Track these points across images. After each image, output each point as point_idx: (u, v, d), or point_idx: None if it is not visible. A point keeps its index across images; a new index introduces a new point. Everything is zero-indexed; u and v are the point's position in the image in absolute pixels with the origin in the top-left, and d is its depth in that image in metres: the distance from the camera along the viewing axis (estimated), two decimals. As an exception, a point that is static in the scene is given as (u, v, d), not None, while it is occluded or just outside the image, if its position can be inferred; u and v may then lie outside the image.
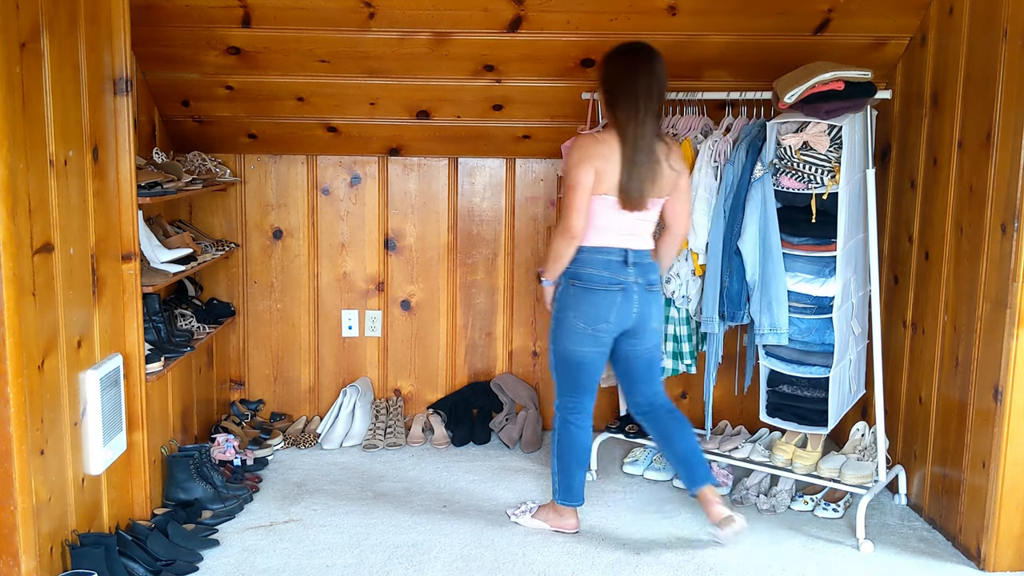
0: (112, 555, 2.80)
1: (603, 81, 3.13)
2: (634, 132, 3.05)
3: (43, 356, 2.59)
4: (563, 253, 3.14)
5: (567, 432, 3.29)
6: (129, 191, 3.12)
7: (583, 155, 3.07)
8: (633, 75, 3.05)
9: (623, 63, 3.09)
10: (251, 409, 4.41)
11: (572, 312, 3.16)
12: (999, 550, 3.09)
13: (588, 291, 3.14)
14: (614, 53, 3.13)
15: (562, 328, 3.19)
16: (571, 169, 3.08)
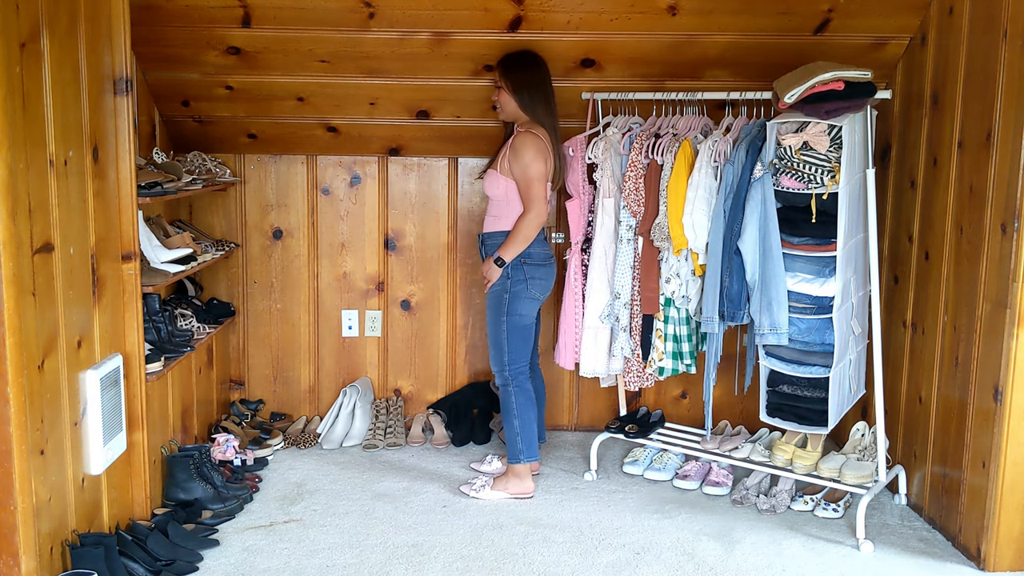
0: (112, 555, 2.80)
1: (527, 83, 3.60)
2: (554, 127, 3.65)
3: (43, 356, 2.59)
4: (531, 237, 3.61)
5: (523, 391, 3.70)
6: (129, 191, 3.12)
7: (538, 150, 3.57)
8: (548, 78, 3.65)
9: (541, 68, 3.64)
10: (251, 409, 4.41)
11: (526, 285, 3.65)
12: (999, 550, 3.09)
13: (538, 266, 3.68)
14: (532, 59, 3.63)
15: (518, 300, 3.65)
16: (532, 163, 3.56)
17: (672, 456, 3.95)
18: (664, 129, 3.66)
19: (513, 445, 3.70)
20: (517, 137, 3.59)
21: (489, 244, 3.71)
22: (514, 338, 3.66)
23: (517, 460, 3.69)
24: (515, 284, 3.64)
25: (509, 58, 3.64)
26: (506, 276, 3.63)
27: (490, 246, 3.70)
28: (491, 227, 3.71)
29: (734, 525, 3.46)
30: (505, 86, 3.61)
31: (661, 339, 3.67)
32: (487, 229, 3.73)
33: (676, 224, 3.49)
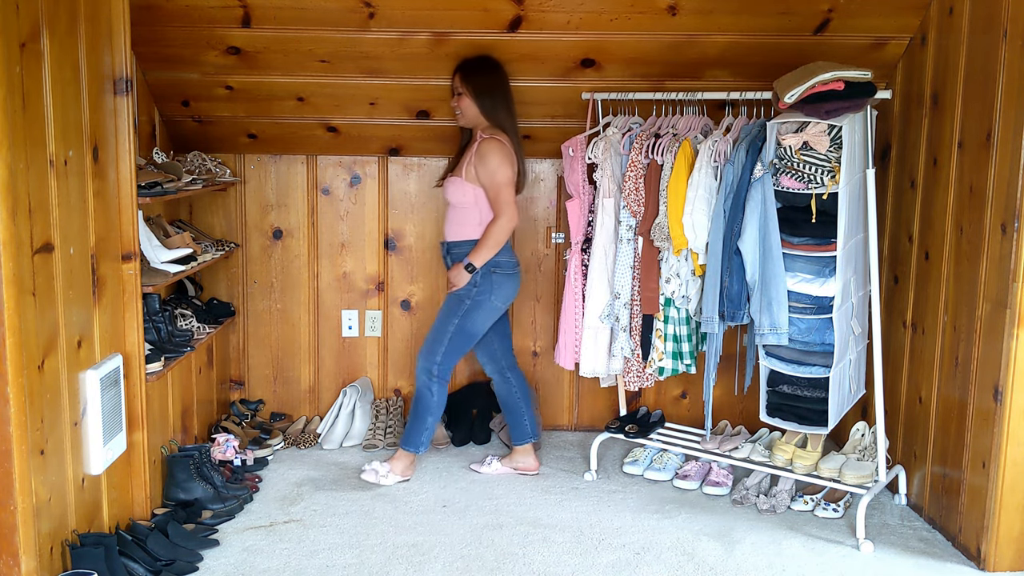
0: (112, 555, 2.80)
1: (488, 88, 3.66)
2: (515, 131, 3.72)
3: (43, 356, 2.59)
4: (502, 242, 3.66)
5: (443, 391, 3.80)
6: (129, 191, 3.12)
7: (506, 155, 3.62)
8: (508, 83, 3.72)
9: (501, 73, 3.70)
10: (251, 409, 4.41)
11: (494, 295, 3.71)
12: (999, 550, 3.09)
13: (507, 276, 3.74)
14: (491, 64, 3.68)
15: (478, 309, 3.70)
16: (499, 168, 3.59)
17: (672, 456, 3.95)
18: (664, 129, 3.66)
19: (417, 435, 3.80)
20: (482, 143, 3.62)
21: (456, 253, 3.73)
22: (457, 342, 3.74)
23: (417, 449, 3.82)
24: (480, 293, 3.69)
25: (468, 63, 3.68)
26: (473, 284, 3.68)
27: (457, 255, 3.72)
28: (457, 235, 3.72)
29: (734, 525, 3.46)
30: (466, 92, 3.65)
31: (661, 339, 3.67)
32: (453, 238, 3.74)
33: (676, 224, 3.49)
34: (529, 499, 3.69)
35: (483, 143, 3.62)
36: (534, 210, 4.41)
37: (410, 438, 3.81)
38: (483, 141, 3.62)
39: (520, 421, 3.93)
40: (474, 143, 3.67)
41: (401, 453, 3.83)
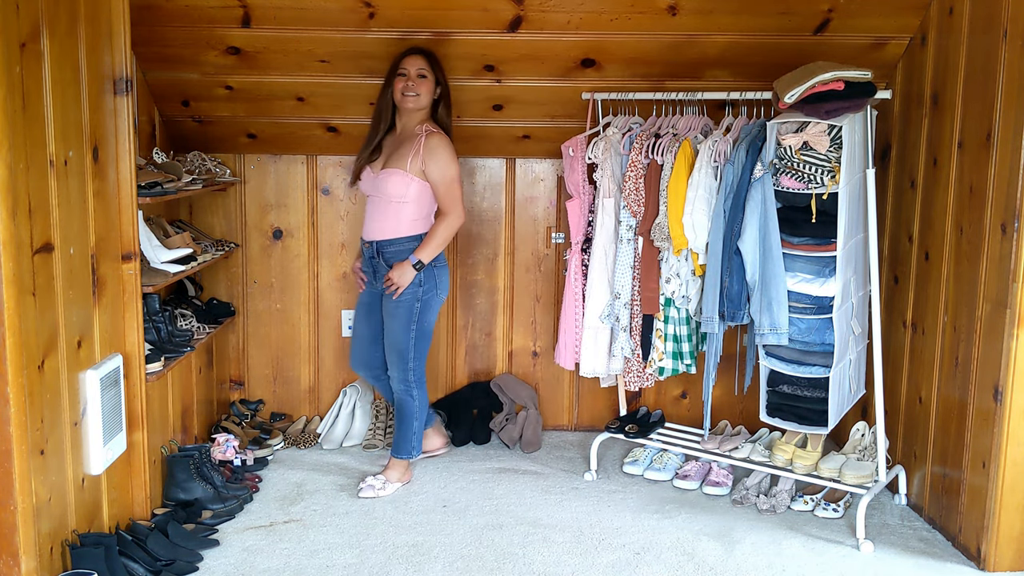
0: (112, 555, 2.80)
1: (446, 82, 3.65)
2: (451, 133, 3.69)
3: (43, 356, 2.59)
4: (450, 239, 3.66)
5: (423, 394, 3.77)
6: (129, 191, 3.12)
7: (453, 152, 3.61)
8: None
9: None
10: (251, 409, 4.41)
11: (439, 289, 3.69)
12: (999, 550, 3.09)
13: (443, 269, 3.72)
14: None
15: (430, 307, 3.67)
16: (450, 164, 3.57)
17: (672, 456, 3.95)
18: (664, 129, 3.66)
19: (407, 442, 3.77)
20: (432, 137, 3.55)
21: (391, 251, 3.61)
22: (421, 345, 3.70)
23: (409, 455, 3.79)
24: (427, 292, 3.63)
25: (429, 51, 3.62)
26: (418, 283, 3.59)
27: (393, 253, 3.60)
28: (394, 232, 3.59)
29: (734, 525, 3.46)
30: (431, 77, 3.58)
31: (661, 339, 3.67)
32: (388, 235, 3.60)
33: (676, 224, 3.49)
34: (529, 499, 3.69)
35: (432, 137, 3.55)
36: (534, 210, 4.41)
37: (401, 446, 3.77)
38: (432, 135, 3.55)
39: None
40: (416, 137, 3.56)
41: (394, 462, 3.79)
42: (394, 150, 3.61)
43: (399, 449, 3.78)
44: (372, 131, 3.69)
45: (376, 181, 3.59)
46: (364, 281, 3.79)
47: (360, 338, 3.87)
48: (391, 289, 3.59)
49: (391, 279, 3.58)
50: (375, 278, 3.70)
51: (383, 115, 3.65)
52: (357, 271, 3.83)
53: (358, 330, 3.87)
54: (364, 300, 3.82)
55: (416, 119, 3.61)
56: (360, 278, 3.81)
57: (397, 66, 3.58)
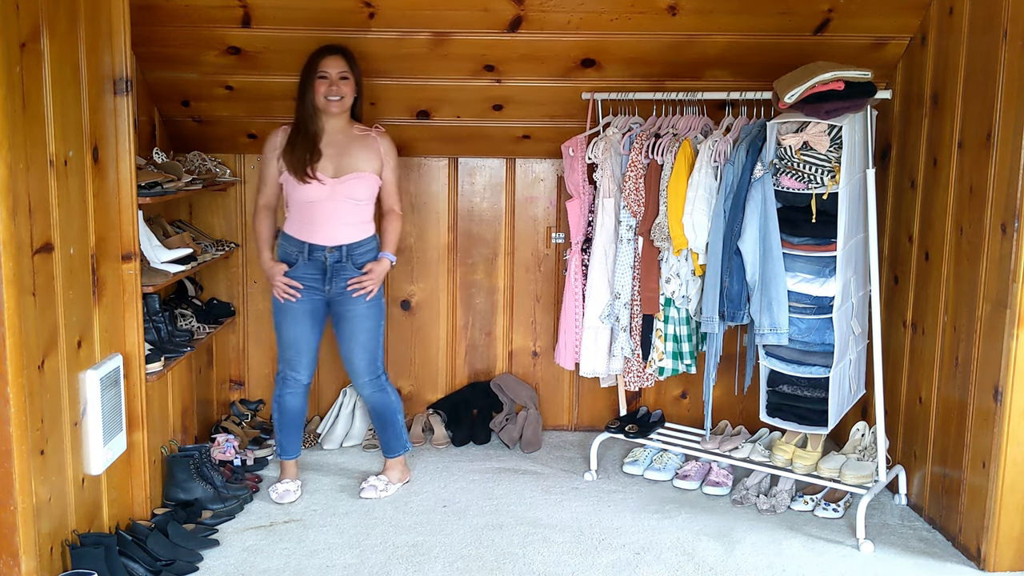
0: (112, 555, 2.80)
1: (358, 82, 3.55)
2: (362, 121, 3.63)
3: (43, 356, 2.59)
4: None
5: (393, 387, 3.77)
6: (129, 191, 3.12)
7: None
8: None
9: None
10: (251, 409, 4.41)
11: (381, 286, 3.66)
12: (999, 550, 3.09)
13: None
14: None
15: (383, 302, 3.67)
16: (397, 159, 3.60)
17: (672, 456, 3.95)
18: (664, 129, 3.66)
19: (398, 439, 3.77)
20: (385, 138, 3.57)
21: (361, 253, 3.54)
22: (383, 342, 3.70)
23: (405, 449, 3.79)
24: (381, 289, 3.65)
25: (346, 49, 3.51)
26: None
27: (360, 255, 3.53)
28: (362, 234, 3.53)
29: (734, 525, 3.46)
30: (353, 77, 3.50)
31: (661, 339, 3.67)
32: (358, 237, 3.52)
33: (676, 224, 3.49)
34: (529, 499, 3.69)
35: (385, 137, 3.57)
36: (534, 210, 4.41)
37: (392, 444, 3.77)
38: (383, 135, 3.57)
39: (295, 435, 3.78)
40: (364, 138, 3.52)
41: (391, 462, 3.79)
42: (342, 153, 3.49)
43: (392, 448, 3.78)
44: (306, 135, 3.47)
45: (338, 186, 3.45)
46: (298, 290, 3.52)
47: (309, 347, 3.63)
48: (366, 290, 3.53)
49: (370, 280, 3.52)
50: (328, 283, 3.52)
51: (312, 119, 3.48)
52: (286, 282, 3.52)
53: (306, 338, 3.60)
54: (305, 309, 3.55)
55: (344, 119, 3.53)
56: (293, 287, 3.52)
57: (314, 67, 3.45)
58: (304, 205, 3.48)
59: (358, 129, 3.56)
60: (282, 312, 3.59)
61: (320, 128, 3.50)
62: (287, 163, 3.48)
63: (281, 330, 3.62)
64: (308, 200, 3.46)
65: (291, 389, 3.68)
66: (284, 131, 3.55)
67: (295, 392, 3.69)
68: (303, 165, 3.44)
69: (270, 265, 3.57)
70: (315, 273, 3.52)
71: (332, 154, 3.48)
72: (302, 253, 3.51)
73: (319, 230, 3.48)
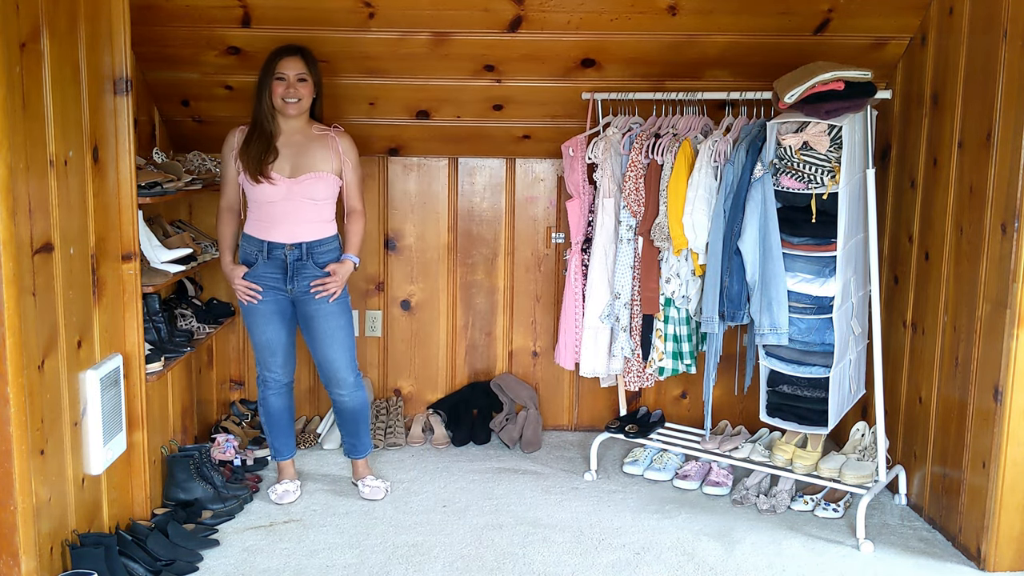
0: (112, 555, 2.80)
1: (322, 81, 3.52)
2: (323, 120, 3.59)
3: (43, 356, 2.59)
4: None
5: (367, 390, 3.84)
6: (129, 191, 3.12)
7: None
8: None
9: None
10: (251, 409, 4.41)
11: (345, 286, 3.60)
12: (999, 550, 3.09)
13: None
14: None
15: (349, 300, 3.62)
16: (359, 162, 3.57)
17: (672, 456, 3.95)
18: (664, 129, 3.66)
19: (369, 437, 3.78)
20: (344, 136, 3.51)
21: (322, 252, 3.48)
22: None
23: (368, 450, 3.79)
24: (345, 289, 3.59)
25: (304, 49, 3.45)
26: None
27: (322, 253, 3.48)
28: (323, 232, 3.48)
29: (734, 525, 3.46)
30: (311, 79, 3.43)
31: (661, 339, 3.67)
32: (318, 236, 3.47)
33: (676, 224, 3.49)
34: (529, 499, 3.69)
35: (344, 137, 3.51)
36: (534, 210, 4.41)
37: (367, 442, 3.76)
38: (343, 135, 3.51)
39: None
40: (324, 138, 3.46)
41: (365, 461, 3.78)
42: (300, 152, 3.44)
43: (367, 445, 3.76)
44: (262, 135, 3.42)
45: (296, 186, 3.40)
46: (261, 291, 3.48)
47: (282, 345, 3.58)
48: (330, 291, 3.47)
49: (333, 281, 3.47)
50: (291, 282, 3.46)
51: (269, 119, 3.42)
52: (246, 284, 3.48)
53: (277, 337, 3.55)
54: (271, 309, 3.50)
55: (302, 120, 3.47)
56: (253, 289, 3.47)
57: (272, 67, 3.39)
58: (262, 205, 3.44)
59: (317, 129, 3.50)
60: (250, 314, 3.54)
61: (277, 128, 3.45)
62: (242, 163, 3.43)
63: (253, 333, 3.57)
64: (266, 200, 3.42)
65: (273, 390, 3.64)
66: (241, 131, 3.49)
67: (277, 392, 3.65)
68: (258, 165, 3.38)
69: (230, 268, 3.53)
70: (276, 272, 3.47)
71: (289, 154, 3.43)
72: (261, 252, 3.46)
73: (277, 228, 3.44)
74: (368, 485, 3.69)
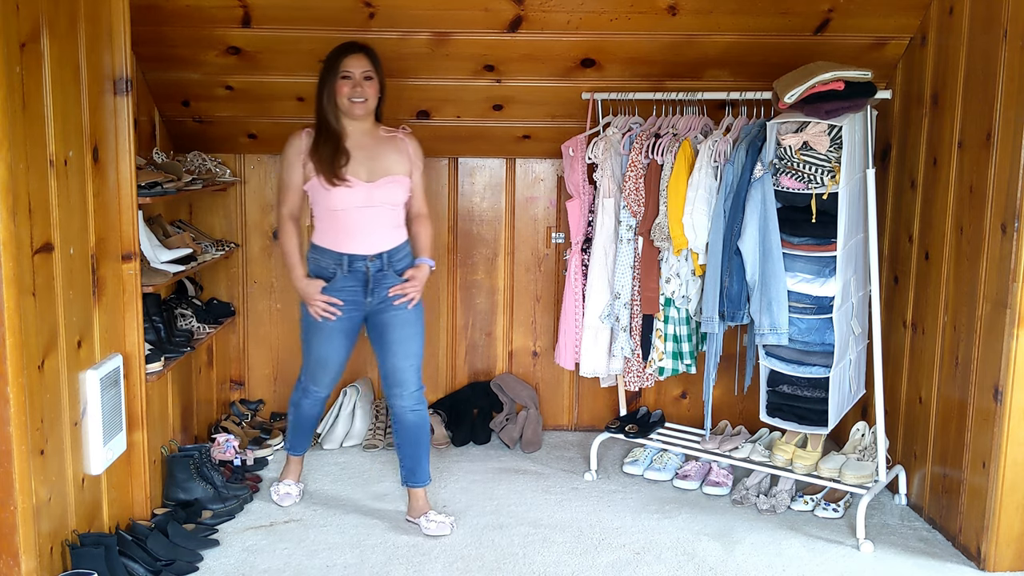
0: (112, 555, 2.80)
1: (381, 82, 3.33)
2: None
3: (43, 356, 2.59)
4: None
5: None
6: (129, 191, 3.12)
7: None
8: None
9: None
10: (251, 409, 4.41)
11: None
12: (999, 550, 3.09)
13: None
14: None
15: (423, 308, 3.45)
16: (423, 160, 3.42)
17: (672, 456, 3.95)
18: (664, 129, 3.66)
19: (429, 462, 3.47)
20: (413, 139, 3.38)
21: (400, 259, 3.32)
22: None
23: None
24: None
25: (368, 47, 3.29)
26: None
27: (400, 260, 3.32)
28: (399, 239, 3.32)
29: (734, 525, 3.46)
30: (377, 78, 3.26)
31: (661, 339, 3.67)
32: (395, 243, 3.30)
33: (676, 224, 3.49)
34: (529, 499, 3.69)
35: (413, 138, 3.38)
36: (534, 210, 4.41)
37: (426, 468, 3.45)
38: (411, 135, 3.39)
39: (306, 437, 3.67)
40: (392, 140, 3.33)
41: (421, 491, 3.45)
42: (373, 156, 3.27)
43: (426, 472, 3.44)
44: (330, 137, 3.24)
45: (376, 190, 3.23)
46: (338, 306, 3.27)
47: (337, 365, 3.42)
48: (409, 298, 3.30)
49: (413, 287, 3.29)
50: (370, 294, 3.28)
51: (335, 121, 3.26)
52: (325, 300, 3.25)
53: (335, 357, 3.38)
54: (342, 327, 3.32)
55: (369, 121, 3.31)
56: (332, 304, 3.26)
57: (336, 66, 3.23)
58: (337, 213, 3.21)
59: (384, 131, 3.35)
60: (314, 329, 3.32)
61: (343, 130, 3.27)
62: (315, 167, 3.22)
63: (311, 347, 3.38)
64: (340, 207, 3.20)
65: (311, 400, 3.53)
66: (308, 134, 3.28)
67: (314, 403, 3.55)
68: (332, 167, 3.19)
69: (305, 283, 3.27)
70: (356, 285, 3.26)
71: (362, 157, 3.24)
72: (340, 265, 3.24)
73: (357, 238, 3.22)
74: (433, 520, 3.35)
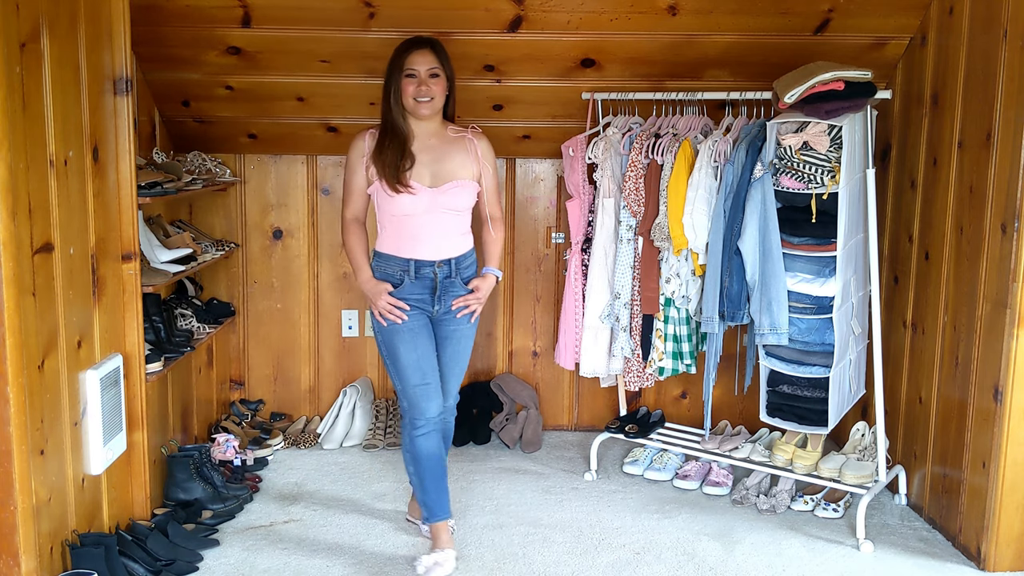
0: (112, 555, 2.80)
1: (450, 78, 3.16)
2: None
3: (43, 356, 2.59)
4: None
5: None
6: (129, 191, 3.12)
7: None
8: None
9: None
10: (251, 409, 4.41)
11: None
12: (999, 550, 3.09)
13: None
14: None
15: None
16: (495, 161, 3.26)
17: (672, 456, 3.95)
18: (664, 129, 3.66)
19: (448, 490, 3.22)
20: (482, 140, 3.18)
21: (466, 266, 3.18)
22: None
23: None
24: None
25: (437, 43, 3.12)
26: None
27: (467, 268, 3.18)
28: (465, 246, 3.17)
29: (734, 525, 3.46)
30: (444, 75, 3.09)
31: (661, 339, 3.67)
32: (462, 250, 3.15)
33: (676, 224, 3.49)
34: (529, 499, 3.69)
35: (482, 139, 3.18)
36: (534, 210, 4.41)
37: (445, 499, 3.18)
38: (481, 137, 3.19)
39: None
40: (461, 140, 3.15)
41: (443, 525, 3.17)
42: (439, 159, 3.10)
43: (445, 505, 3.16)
44: (396, 139, 3.07)
45: (439, 196, 3.05)
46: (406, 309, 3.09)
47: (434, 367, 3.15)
48: (471, 310, 3.16)
49: (476, 299, 3.15)
50: (437, 302, 3.12)
51: (402, 122, 3.08)
52: (392, 301, 3.08)
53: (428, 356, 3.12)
54: (420, 324, 3.12)
55: (436, 121, 3.14)
56: (399, 307, 3.08)
57: (401, 63, 3.06)
58: (401, 219, 3.06)
59: (452, 130, 3.16)
60: (394, 335, 3.09)
61: (410, 131, 3.09)
62: (378, 170, 3.06)
63: (398, 356, 3.09)
64: (404, 213, 3.05)
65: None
66: (372, 135, 3.11)
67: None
68: (395, 173, 3.02)
69: (372, 285, 3.10)
70: (423, 292, 3.11)
71: (427, 160, 3.07)
72: (407, 272, 3.09)
73: (422, 244, 3.07)
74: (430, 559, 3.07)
